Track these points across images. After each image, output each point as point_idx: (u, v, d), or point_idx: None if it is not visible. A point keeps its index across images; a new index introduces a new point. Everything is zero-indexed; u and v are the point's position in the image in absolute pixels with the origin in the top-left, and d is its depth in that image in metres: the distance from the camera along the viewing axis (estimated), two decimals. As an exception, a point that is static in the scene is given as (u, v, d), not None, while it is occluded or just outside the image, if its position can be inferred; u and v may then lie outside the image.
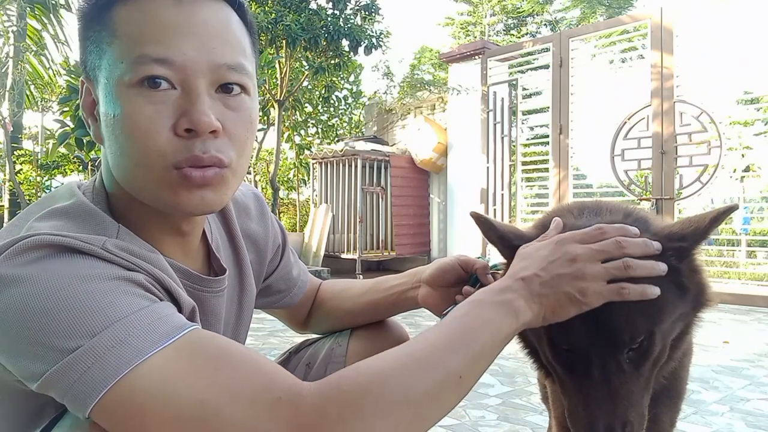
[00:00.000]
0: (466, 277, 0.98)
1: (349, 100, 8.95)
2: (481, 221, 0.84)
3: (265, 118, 7.55)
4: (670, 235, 0.72)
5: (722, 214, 0.71)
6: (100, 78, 0.66)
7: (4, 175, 8.86)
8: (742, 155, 6.18)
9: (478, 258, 1.00)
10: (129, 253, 0.63)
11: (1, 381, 0.61)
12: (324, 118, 8.80)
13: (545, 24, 17.65)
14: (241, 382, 0.55)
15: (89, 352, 0.53)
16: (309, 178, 8.48)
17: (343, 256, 7.19)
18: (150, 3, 0.65)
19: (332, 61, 6.52)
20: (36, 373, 0.55)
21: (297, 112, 8.28)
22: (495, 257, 1.00)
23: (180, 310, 0.65)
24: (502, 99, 6.80)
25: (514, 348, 1.00)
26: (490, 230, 0.83)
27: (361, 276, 6.76)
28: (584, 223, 0.77)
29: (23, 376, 0.57)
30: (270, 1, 5.94)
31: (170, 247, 0.74)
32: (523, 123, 8.08)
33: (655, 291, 0.68)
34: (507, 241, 0.81)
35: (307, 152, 8.43)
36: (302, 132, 8.73)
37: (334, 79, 7.97)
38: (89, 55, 0.68)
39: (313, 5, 6.17)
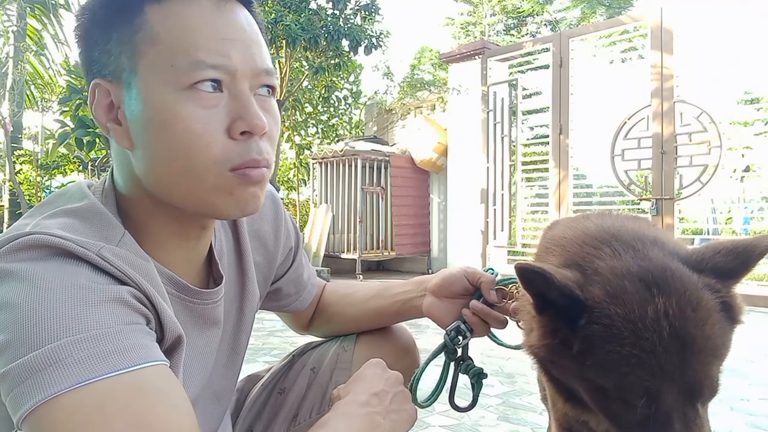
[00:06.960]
0: (473, 290, 0.97)
1: (349, 100, 8.94)
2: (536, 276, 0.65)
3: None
4: (716, 269, 0.69)
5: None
6: (134, 81, 0.64)
7: (4, 175, 8.85)
8: (742, 155, 6.17)
9: (487, 270, 0.98)
10: (124, 262, 0.61)
11: None
12: (324, 118, 8.79)
13: (545, 24, 17.64)
14: None
15: (39, 358, 0.51)
16: (309, 178, 8.47)
17: (343, 256, 7.19)
18: (190, 8, 0.65)
19: (332, 61, 6.51)
20: None
21: (297, 112, 8.27)
22: (501, 271, 0.99)
23: (162, 332, 0.63)
24: (502, 99, 6.79)
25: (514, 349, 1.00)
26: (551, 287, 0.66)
27: (361, 276, 6.76)
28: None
29: None
30: (270, 1, 5.93)
31: (174, 253, 0.73)
32: (523, 123, 8.06)
33: None
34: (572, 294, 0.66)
35: (307, 152, 8.42)
36: (302, 132, 8.72)
37: (334, 79, 7.96)
38: (116, 57, 0.65)
39: (313, 5, 6.15)
